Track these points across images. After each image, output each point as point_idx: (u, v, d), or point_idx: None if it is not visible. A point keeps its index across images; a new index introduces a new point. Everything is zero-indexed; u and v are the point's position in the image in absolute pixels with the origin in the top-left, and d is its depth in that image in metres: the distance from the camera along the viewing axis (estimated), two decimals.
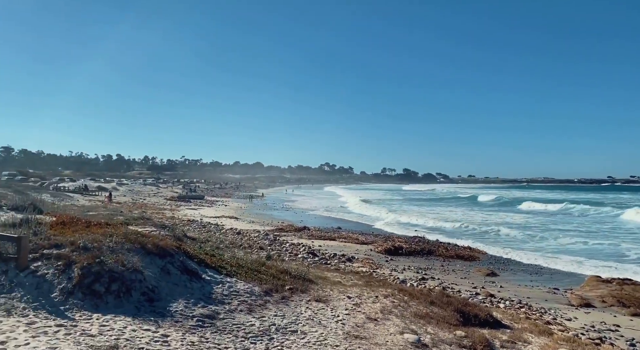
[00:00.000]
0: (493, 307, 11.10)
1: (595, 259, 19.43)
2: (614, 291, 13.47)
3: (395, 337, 6.65)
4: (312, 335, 6.31)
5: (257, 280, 8.56)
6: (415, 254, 19.96)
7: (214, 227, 24.64)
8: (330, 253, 18.15)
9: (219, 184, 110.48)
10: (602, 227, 32.68)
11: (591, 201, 59.78)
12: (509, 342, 7.32)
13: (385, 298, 8.88)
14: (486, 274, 16.37)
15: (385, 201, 65.04)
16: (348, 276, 11.76)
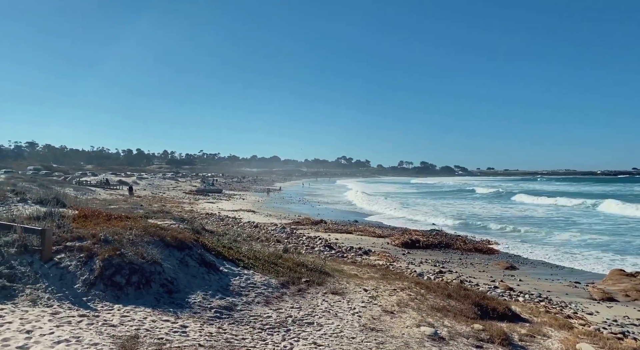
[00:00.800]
0: (512, 300, 10.97)
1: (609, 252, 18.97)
2: (638, 285, 13.14)
3: (412, 330, 6.64)
4: (328, 327, 6.34)
5: (273, 272, 8.63)
6: (432, 247, 19.83)
7: (231, 220, 24.91)
8: (347, 246, 18.16)
9: (237, 178, 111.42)
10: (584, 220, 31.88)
11: (589, 193, 58.92)
12: (528, 335, 7.22)
13: (401, 291, 8.86)
14: (505, 267, 16.16)
15: (390, 194, 64.81)
16: (364, 269, 11.76)
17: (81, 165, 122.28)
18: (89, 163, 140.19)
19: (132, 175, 78.04)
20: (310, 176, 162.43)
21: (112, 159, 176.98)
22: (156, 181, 71.12)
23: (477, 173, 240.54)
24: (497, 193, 63.50)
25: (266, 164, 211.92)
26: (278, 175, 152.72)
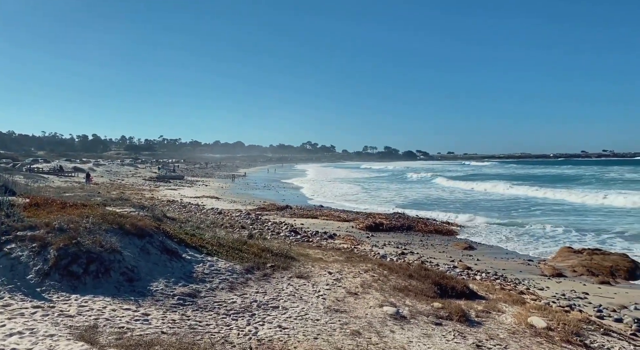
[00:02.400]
0: (470, 279, 11.44)
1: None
2: (584, 261, 14.03)
3: (375, 310, 6.82)
4: (293, 310, 6.41)
5: (238, 258, 8.59)
6: (395, 230, 20.29)
7: (194, 207, 24.47)
8: (312, 231, 18.29)
9: (199, 164, 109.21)
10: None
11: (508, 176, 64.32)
12: (484, 311, 7.58)
13: (365, 273, 9.05)
14: (463, 247, 16.79)
15: (339, 179, 65.77)
16: (329, 253, 11.90)
17: (32, 152, 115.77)
18: (41, 149, 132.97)
19: (88, 162, 74.88)
20: (275, 162, 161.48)
21: (66, 145, 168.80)
22: (114, 168, 68.62)
23: (438, 157, 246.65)
24: (422, 178, 65.73)
25: (230, 149, 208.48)
26: (242, 161, 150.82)
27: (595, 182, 51.72)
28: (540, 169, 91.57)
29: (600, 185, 46.01)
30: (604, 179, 56.46)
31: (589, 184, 47.30)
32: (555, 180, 55.09)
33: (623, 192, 33.79)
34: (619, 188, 40.28)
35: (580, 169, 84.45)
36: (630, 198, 29.84)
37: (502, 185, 45.30)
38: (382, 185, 53.90)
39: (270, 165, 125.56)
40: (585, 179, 57.11)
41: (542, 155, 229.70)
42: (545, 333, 6.84)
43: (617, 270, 13.32)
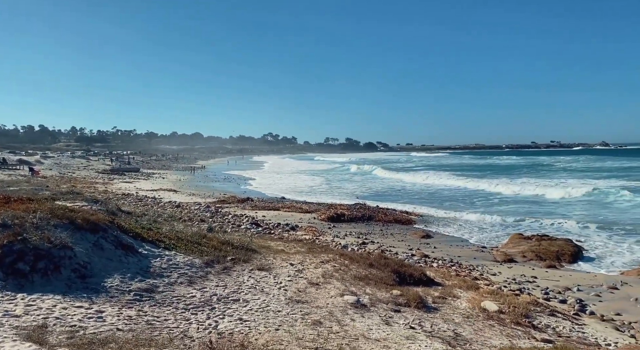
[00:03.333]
0: (427, 266, 11.81)
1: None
2: (533, 247, 14.80)
3: (336, 299, 6.90)
4: (254, 302, 6.38)
5: (197, 252, 8.43)
6: (356, 220, 20.56)
7: (151, 200, 23.73)
8: (274, 223, 18.22)
9: (156, 156, 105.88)
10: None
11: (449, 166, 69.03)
12: (440, 297, 7.86)
13: (327, 263, 9.13)
14: (421, 236, 17.29)
15: (283, 172, 65.55)
16: (291, 244, 11.92)
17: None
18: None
19: (35, 154, 70.77)
20: (235, 153, 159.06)
21: (9, 136, 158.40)
22: (64, 160, 65.24)
23: (397, 148, 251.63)
24: (361, 171, 66.47)
25: (188, 141, 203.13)
26: (201, 152, 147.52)
27: (523, 172, 55.96)
28: (483, 160, 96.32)
29: (525, 175, 49.32)
30: (539, 169, 61.02)
31: (514, 174, 50.70)
32: (486, 170, 59.69)
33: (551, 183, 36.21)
34: (550, 178, 43.40)
35: (520, 159, 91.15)
36: (561, 190, 30.97)
37: (434, 176, 46.77)
38: (320, 177, 54.11)
39: (231, 157, 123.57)
40: (517, 169, 61.77)
41: (496, 146, 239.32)
42: (497, 316, 7.19)
43: (562, 254, 14.16)
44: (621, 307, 9.57)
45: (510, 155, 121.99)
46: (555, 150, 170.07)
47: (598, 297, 10.19)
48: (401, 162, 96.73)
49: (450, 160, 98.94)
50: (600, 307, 9.50)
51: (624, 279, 11.78)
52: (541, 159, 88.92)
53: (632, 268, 12.89)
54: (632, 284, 11.24)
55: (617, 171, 51.82)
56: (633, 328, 8.17)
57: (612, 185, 32.31)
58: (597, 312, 9.07)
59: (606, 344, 7.06)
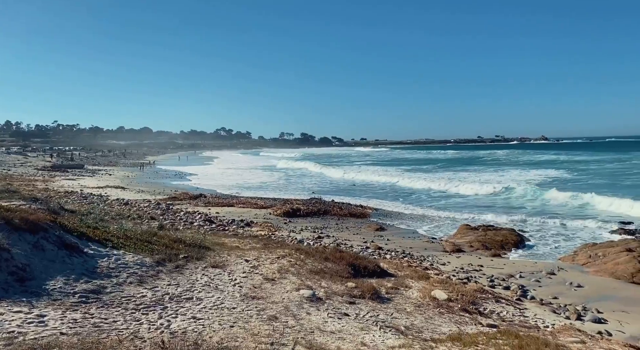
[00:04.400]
0: (381, 258, 12.09)
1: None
2: (480, 237, 15.55)
3: (292, 294, 6.92)
4: (208, 300, 6.26)
5: (148, 251, 8.15)
6: (312, 215, 20.67)
7: (97, 198, 22.60)
8: (228, 219, 17.94)
9: (102, 152, 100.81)
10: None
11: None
12: (393, 288, 8.09)
13: (282, 258, 9.12)
14: (375, 229, 17.67)
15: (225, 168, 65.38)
16: (246, 240, 11.79)
17: None
18: None
19: None
20: (187, 149, 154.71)
21: None
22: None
23: (352, 143, 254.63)
24: (289, 166, 67.21)
25: (136, 136, 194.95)
26: (150, 148, 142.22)
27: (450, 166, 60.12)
28: (430, 154, 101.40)
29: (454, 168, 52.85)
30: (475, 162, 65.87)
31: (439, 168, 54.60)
32: (413, 164, 65.15)
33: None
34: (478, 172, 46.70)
35: (457, 153, 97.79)
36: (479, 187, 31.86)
37: (352, 171, 47.85)
38: (249, 171, 54.49)
39: (182, 153, 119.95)
40: (441, 163, 66.86)
41: (445, 141, 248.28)
42: (446, 304, 7.50)
43: (506, 243, 14.98)
44: (558, 291, 10.27)
45: (454, 149, 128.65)
46: (495, 145, 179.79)
47: (538, 283, 10.87)
48: (339, 157, 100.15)
49: (391, 155, 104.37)
50: (539, 292, 10.15)
51: (560, 264, 12.65)
52: (479, 153, 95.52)
53: (566, 255, 13.87)
54: (567, 269, 12.10)
55: (539, 163, 57.70)
56: (568, 310, 8.80)
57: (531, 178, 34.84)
58: (537, 297, 9.68)
59: (544, 325, 7.55)
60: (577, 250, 14.03)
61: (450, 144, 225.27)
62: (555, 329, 7.20)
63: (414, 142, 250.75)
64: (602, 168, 47.88)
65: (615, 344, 6.18)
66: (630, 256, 11.85)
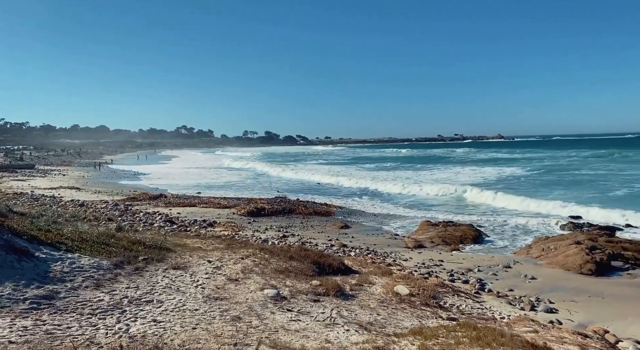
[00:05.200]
0: (345, 256, 12.20)
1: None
2: (440, 232, 15.99)
3: (256, 294, 6.87)
4: (169, 302, 6.11)
5: (105, 253, 7.85)
6: (277, 214, 20.57)
7: (49, 199, 21.55)
8: (190, 220, 17.57)
9: (54, 151, 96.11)
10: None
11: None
12: (357, 284, 8.18)
13: (246, 258, 9.03)
14: (340, 227, 17.81)
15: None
16: (209, 241, 11.58)
17: None
18: None
19: None
20: (146, 148, 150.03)
21: None
22: None
23: (317, 142, 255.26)
24: (239, 166, 67.33)
25: (92, 134, 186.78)
26: (107, 147, 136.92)
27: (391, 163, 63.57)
28: (384, 153, 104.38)
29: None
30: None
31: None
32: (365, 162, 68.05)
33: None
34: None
35: (414, 151, 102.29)
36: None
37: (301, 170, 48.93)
38: (214, 170, 54.25)
39: (141, 152, 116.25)
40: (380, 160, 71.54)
41: (406, 139, 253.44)
42: (408, 299, 7.66)
43: (465, 238, 15.48)
44: (513, 283, 10.73)
45: (411, 148, 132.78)
46: (450, 143, 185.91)
47: (495, 276, 11.31)
48: (295, 155, 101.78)
49: (347, 154, 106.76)
50: (496, 284, 10.56)
51: (515, 258, 13.22)
52: (434, 151, 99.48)
53: (521, 249, 14.51)
54: (522, 263, 12.66)
55: (493, 160, 61.49)
56: (522, 301, 9.21)
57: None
58: (494, 290, 10.08)
59: (501, 317, 7.87)
60: (531, 244, 14.70)
61: (412, 142, 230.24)
62: (511, 320, 7.52)
63: (377, 141, 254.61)
64: (545, 165, 51.04)
65: (565, 331, 6.53)
66: (578, 248, 12.54)
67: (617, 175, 36.62)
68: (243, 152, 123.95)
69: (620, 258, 12.64)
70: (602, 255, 12.18)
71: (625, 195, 25.59)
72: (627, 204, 21.27)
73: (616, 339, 7.05)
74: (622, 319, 8.39)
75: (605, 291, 10.13)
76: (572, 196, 25.33)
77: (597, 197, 24.78)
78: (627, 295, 9.84)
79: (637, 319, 8.39)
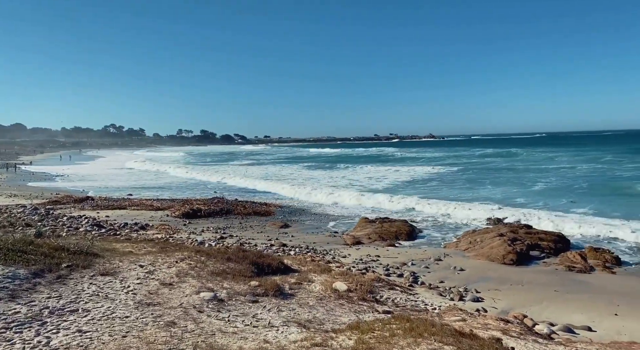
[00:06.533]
0: (285, 255, 12.19)
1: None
2: (377, 229, 16.47)
3: (192, 297, 6.66)
4: (97, 311, 5.74)
5: (22, 261, 7.21)
6: (214, 215, 20.09)
7: None
8: (121, 223, 16.67)
9: None
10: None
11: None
12: (296, 283, 8.21)
13: (182, 261, 8.72)
14: (280, 226, 17.76)
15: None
16: (141, 245, 11.02)
17: None
18: None
19: None
20: (70, 147, 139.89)
21: None
22: None
23: (255, 141, 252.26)
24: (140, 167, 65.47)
25: (6, 133, 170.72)
26: (25, 146, 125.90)
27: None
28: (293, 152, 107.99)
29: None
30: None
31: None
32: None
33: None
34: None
35: (337, 150, 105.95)
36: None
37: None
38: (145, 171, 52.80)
39: (64, 152, 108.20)
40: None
41: (345, 138, 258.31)
42: (346, 295, 7.82)
43: (400, 234, 16.08)
44: (444, 275, 11.32)
45: (343, 147, 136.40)
46: (375, 142, 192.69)
47: (427, 269, 11.87)
48: (221, 154, 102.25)
49: (275, 153, 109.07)
50: (428, 277, 11.09)
51: (446, 251, 13.96)
52: (357, 150, 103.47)
53: (451, 242, 15.36)
54: (452, 255, 13.40)
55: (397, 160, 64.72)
56: (452, 292, 9.75)
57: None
58: (426, 282, 10.57)
59: (432, 308, 8.28)
60: (459, 237, 15.59)
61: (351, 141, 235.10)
62: (442, 310, 7.93)
63: (316, 140, 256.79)
64: (459, 162, 54.94)
65: (490, 318, 7.01)
66: (501, 240, 13.51)
67: (533, 170, 40.09)
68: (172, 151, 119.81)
69: (537, 248, 13.79)
70: (522, 246, 13.22)
71: (542, 189, 27.97)
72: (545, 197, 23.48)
73: (533, 322, 7.69)
74: (538, 304, 9.17)
75: (524, 279, 11.00)
76: (497, 191, 27.27)
77: (520, 192, 26.89)
78: (543, 282, 10.76)
79: (551, 303, 9.21)
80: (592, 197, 23.75)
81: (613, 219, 17.34)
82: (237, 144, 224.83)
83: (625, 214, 18.26)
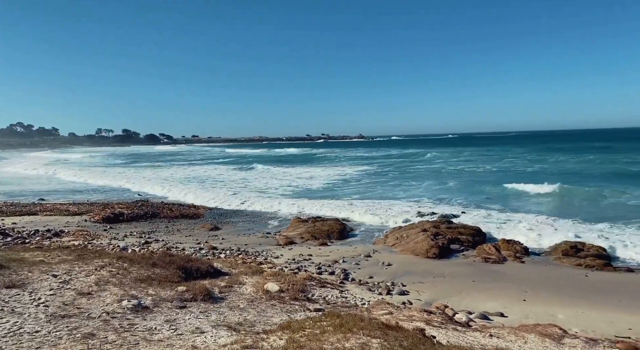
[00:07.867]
0: (215, 258, 11.89)
1: None
2: (309, 228, 16.62)
3: (113, 306, 6.26)
4: (1, 328, 5.20)
5: None
6: (138, 219, 19.10)
7: None
8: (30, 230, 15.25)
9: None
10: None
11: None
12: (227, 286, 8.04)
13: (102, 269, 8.17)
14: (210, 228, 17.29)
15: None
16: (54, 253, 10.14)
17: None
18: None
19: None
20: None
21: None
22: None
23: (182, 141, 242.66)
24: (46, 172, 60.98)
25: None
26: None
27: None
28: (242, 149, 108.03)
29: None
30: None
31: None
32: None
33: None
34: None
35: (259, 151, 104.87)
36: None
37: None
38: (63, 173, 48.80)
39: None
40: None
41: (277, 138, 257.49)
42: (278, 295, 7.80)
43: (332, 232, 16.36)
44: (373, 271, 11.71)
45: (268, 147, 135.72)
46: (310, 143, 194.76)
47: (357, 266, 12.20)
48: (132, 155, 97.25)
49: (194, 152, 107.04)
50: (359, 273, 11.41)
51: (375, 248, 14.45)
52: (275, 151, 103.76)
53: (379, 238, 15.92)
54: (381, 251, 13.90)
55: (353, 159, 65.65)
56: (380, 287, 10.12)
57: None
58: (356, 278, 10.87)
59: (362, 303, 8.53)
60: (387, 233, 16.21)
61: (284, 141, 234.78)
62: (371, 304, 8.20)
63: (248, 140, 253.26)
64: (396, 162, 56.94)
65: (414, 310, 7.37)
66: (425, 235, 14.26)
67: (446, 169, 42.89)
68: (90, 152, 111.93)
69: (457, 242, 14.74)
70: (444, 240, 14.06)
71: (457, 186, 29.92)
72: (461, 193, 25.11)
73: (453, 312, 8.21)
74: (458, 294, 9.81)
75: (445, 271, 11.71)
76: (421, 189, 28.73)
77: (440, 189, 28.54)
78: (462, 273, 11.53)
79: (469, 293, 9.89)
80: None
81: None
82: (163, 144, 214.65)
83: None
